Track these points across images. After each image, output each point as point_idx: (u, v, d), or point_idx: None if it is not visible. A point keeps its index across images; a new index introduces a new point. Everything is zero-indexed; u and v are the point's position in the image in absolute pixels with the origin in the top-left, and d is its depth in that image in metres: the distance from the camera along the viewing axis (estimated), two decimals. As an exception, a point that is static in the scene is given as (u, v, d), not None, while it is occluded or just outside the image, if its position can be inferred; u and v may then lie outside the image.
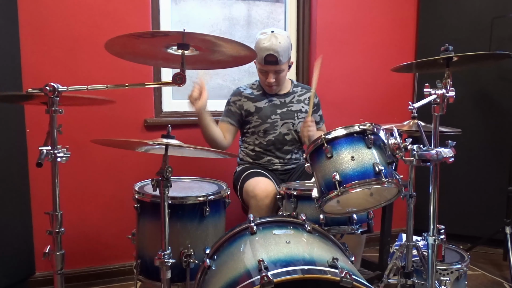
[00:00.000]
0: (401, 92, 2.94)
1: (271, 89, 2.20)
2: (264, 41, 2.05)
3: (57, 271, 1.28)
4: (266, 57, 2.04)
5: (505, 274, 2.44)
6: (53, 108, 1.23)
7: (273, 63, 2.06)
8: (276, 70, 2.10)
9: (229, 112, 2.24)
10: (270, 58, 2.05)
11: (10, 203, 2.08)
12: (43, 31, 2.15)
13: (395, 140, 1.35)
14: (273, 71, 2.10)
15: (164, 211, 1.30)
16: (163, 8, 2.44)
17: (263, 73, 2.14)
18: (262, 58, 2.05)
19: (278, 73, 2.12)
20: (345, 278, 1.03)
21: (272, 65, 2.08)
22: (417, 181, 2.58)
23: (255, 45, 2.11)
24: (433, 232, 1.39)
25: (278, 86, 2.21)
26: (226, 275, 1.19)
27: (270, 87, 2.19)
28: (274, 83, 2.14)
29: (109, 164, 2.33)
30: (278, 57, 2.05)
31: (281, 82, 2.19)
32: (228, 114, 2.24)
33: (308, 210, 1.61)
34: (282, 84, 2.23)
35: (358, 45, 2.81)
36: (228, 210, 1.79)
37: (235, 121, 2.22)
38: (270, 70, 2.10)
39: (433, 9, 2.87)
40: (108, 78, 2.25)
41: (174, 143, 1.29)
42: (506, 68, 2.66)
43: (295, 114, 2.25)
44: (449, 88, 1.34)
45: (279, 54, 2.04)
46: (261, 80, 2.20)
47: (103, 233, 2.35)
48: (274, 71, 2.10)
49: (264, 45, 2.04)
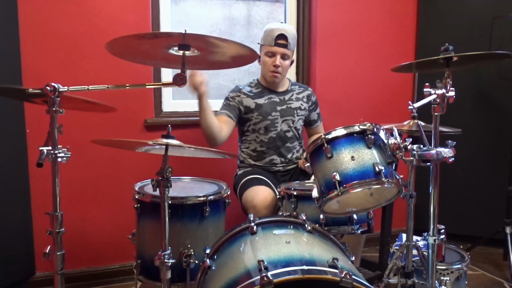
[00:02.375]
0: (401, 92, 2.94)
1: (274, 75, 2.16)
2: (275, 25, 2.13)
3: (57, 271, 1.28)
4: (277, 37, 2.08)
5: (505, 274, 2.44)
6: (53, 108, 1.23)
7: (283, 45, 2.10)
8: (283, 54, 2.12)
9: (227, 106, 2.20)
10: (281, 39, 2.09)
11: (10, 203, 2.08)
12: (43, 31, 2.15)
13: (395, 140, 1.35)
14: (281, 54, 2.11)
15: (164, 211, 1.30)
16: (163, 8, 2.44)
17: (270, 56, 2.13)
18: (273, 39, 2.09)
19: (284, 59, 2.14)
20: (345, 278, 1.03)
21: (281, 47, 2.10)
22: (417, 181, 2.58)
23: (265, 31, 2.14)
24: (433, 232, 1.39)
25: (282, 75, 2.19)
26: (226, 275, 1.19)
27: (275, 73, 2.15)
28: (280, 68, 2.13)
29: (109, 164, 2.33)
30: (288, 38, 2.09)
31: (284, 72, 2.20)
32: (226, 108, 2.19)
33: (308, 210, 1.61)
34: (284, 75, 2.23)
35: (358, 45, 2.81)
36: (228, 210, 1.79)
37: (234, 115, 2.19)
38: (278, 52, 2.11)
39: (433, 9, 2.87)
40: (108, 79, 2.25)
41: (174, 143, 1.29)
42: (506, 68, 2.66)
43: (294, 111, 2.26)
44: (449, 88, 1.34)
45: (289, 36, 2.10)
46: (267, 65, 2.16)
47: (103, 233, 2.35)
48: (282, 54, 2.12)
49: (277, 27, 2.11)
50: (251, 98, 2.22)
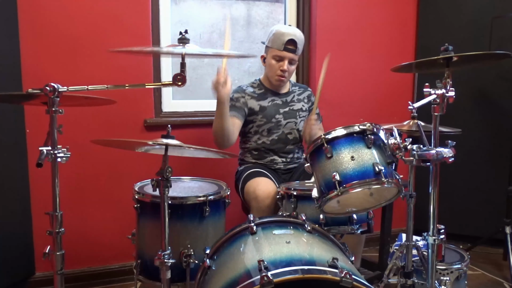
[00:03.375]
0: (401, 92, 2.94)
1: (281, 80, 2.16)
2: (285, 29, 2.11)
3: (57, 271, 1.29)
4: (287, 42, 2.07)
5: (505, 274, 2.44)
6: (53, 108, 1.23)
7: (292, 51, 2.09)
8: (291, 59, 2.11)
9: (235, 108, 2.16)
10: (291, 45, 2.08)
11: (10, 203, 2.08)
12: (43, 31, 2.15)
13: (395, 140, 1.35)
14: (289, 59, 2.11)
15: (164, 211, 1.30)
16: (163, 8, 2.44)
17: (278, 60, 2.12)
18: (282, 44, 2.07)
19: (291, 64, 2.14)
20: (345, 278, 1.03)
21: (290, 53, 2.09)
22: (417, 181, 2.57)
23: (274, 33, 2.11)
24: (433, 232, 1.39)
25: (287, 79, 2.21)
26: (226, 275, 1.19)
27: (281, 78, 2.14)
28: (286, 73, 2.13)
29: (109, 164, 2.32)
30: (297, 45, 2.09)
31: (290, 76, 2.21)
32: (234, 109, 2.15)
33: (308, 210, 1.61)
34: (289, 79, 2.25)
35: (358, 45, 2.81)
36: (228, 210, 1.79)
37: (241, 116, 2.17)
38: (287, 57, 2.10)
39: (433, 9, 2.87)
40: (108, 78, 2.25)
41: (174, 143, 1.29)
42: (506, 68, 2.66)
43: (297, 113, 2.26)
44: (449, 88, 1.34)
45: (298, 43, 2.09)
46: (273, 69, 2.14)
47: (103, 233, 2.35)
48: (290, 59, 2.11)
49: (287, 31, 2.09)
50: (255, 99, 2.21)
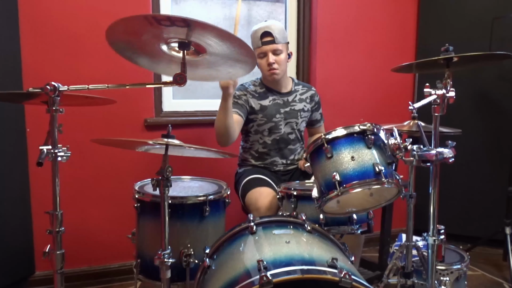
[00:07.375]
0: (401, 92, 2.94)
1: (273, 73, 2.13)
2: (258, 25, 2.14)
3: (57, 271, 1.28)
4: (262, 36, 2.08)
5: (505, 274, 2.44)
6: (53, 108, 1.23)
7: (270, 42, 2.09)
8: (273, 50, 2.10)
9: (237, 105, 2.15)
10: (266, 37, 2.09)
11: (10, 202, 2.08)
12: (43, 30, 2.15)
13: (395, 140, 1.35)
14: (271, 50, 2.10)
15: (164, 211, 1.30)
16: (164, 7, 2.45)
17: (262, 57, 2.13)
18: (259, 40, 2.09)
19: (276, 54, 2.12)
20: (344, 278, 1.02)
21: (269, 44, 2.10)
22: (417, 181, 2.58)
23: (251, 35, 2.15)
24: (433, 232, 1.39)
25: (280, 71, 2.14)
26: (226, 275, 1.19)
27: (272, 71, 2.12)
28: (275, 64, 2.11)
29: (109, 163, 2.33)
30: (273, 33, 2.08)
31: (282, 66, 2.15)
32: (236, 106, 2.14)
33: (308, 210, 1.61)
34: (283, 70, 2.17)
35: (358, 45, 2.81)
36: (228, 210, 1.79)
37: (243, 114, 2.16)
38: (267, 50, 2.10)
39: (433, 9, 2.87)
40: (108, 78, 2.25)
41: (174, 143, 1.29)
42: (507, 69, 2.66)
43: (298, 113, 2.25)
44: (449, 88, 1.33)
45: (273, 31, 2.09)
46: (263, 67, 2.15)
47: (103, 232, 2.35)
48: (272, 51, 2.10)
49: (259, 26, 2.12)
50: (256, 98, 2.21)
